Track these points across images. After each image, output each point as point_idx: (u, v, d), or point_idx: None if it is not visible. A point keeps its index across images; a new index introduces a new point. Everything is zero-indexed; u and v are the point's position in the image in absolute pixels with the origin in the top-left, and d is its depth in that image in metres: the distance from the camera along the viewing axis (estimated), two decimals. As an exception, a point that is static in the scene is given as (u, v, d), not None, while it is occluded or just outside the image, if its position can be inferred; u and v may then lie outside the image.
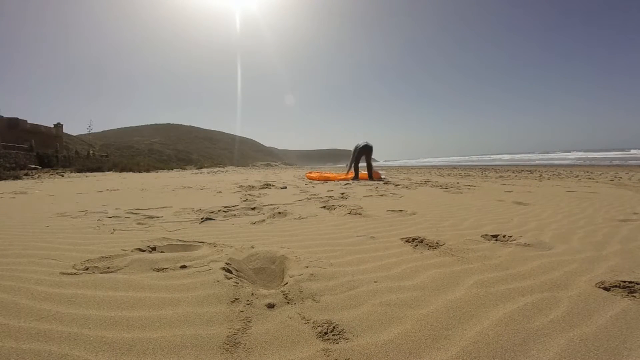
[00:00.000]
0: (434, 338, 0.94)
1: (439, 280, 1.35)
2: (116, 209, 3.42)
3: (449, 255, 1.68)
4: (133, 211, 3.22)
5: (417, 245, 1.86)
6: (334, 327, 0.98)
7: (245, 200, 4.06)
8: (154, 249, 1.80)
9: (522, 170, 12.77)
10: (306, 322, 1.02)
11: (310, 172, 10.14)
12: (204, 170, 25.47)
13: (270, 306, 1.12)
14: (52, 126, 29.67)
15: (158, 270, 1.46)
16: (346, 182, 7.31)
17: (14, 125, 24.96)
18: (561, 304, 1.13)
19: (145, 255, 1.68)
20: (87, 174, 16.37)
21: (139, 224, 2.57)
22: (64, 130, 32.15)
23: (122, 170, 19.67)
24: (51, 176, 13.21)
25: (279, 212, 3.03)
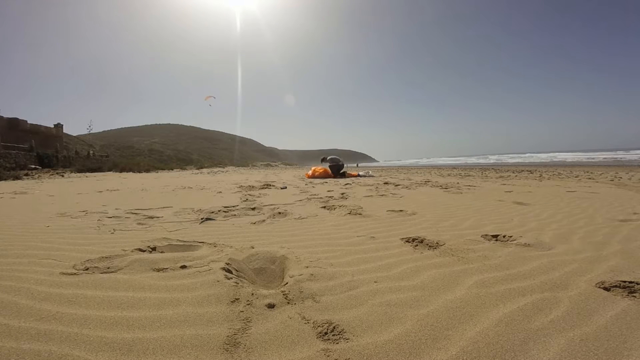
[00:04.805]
0: (434, 338, 0.94)
1: (439, 280, 1.35)
2: (116, 209, 3.42)
3: (449, 255, 1.68)
4: (133, 211, 3.22)
5: (417, 246, 1.86)
6: (334, 327, 0.98)
7: (245, 201, 4.06)
8: (154, 249, 1.80)
9: (522, 170, 12.76)
10: (306, 322, 1.02)
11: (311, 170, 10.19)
12: (204, 170, 25.47)
13: (271, 306, 1.12)
14: (52, 126, 29.67)
15: (158, 270, 1.46)
16: (346, 182, 7.32)
17: (14, 125, 24.96)
18: (561, 304, 1.13)
19: (145, 255, 1.68)
20: (87, 174, 16.38)
21: (139, 224, 2.57)
22: (64, 130, 32.16)
23: (122, 170, 19.67)
24: (51, 176, 13.21)
25: (279, 212, 3.03)
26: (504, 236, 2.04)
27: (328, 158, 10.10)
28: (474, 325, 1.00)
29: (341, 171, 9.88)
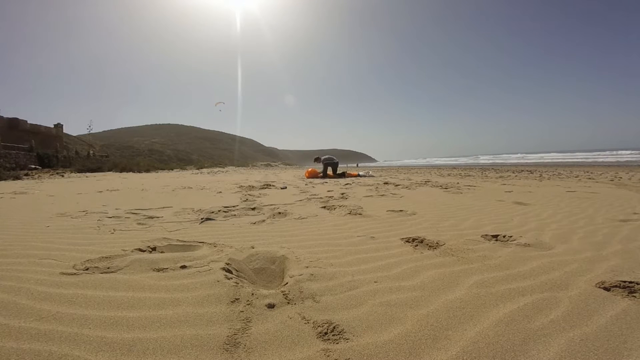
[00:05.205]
0: (434, 338, 0.94)
1: (439, 280, 1.35)
2: (116, 209, 3.42)
3: (449, 255, 1.68)
4: (133, 211, 3.22)
5: (417, 246, 1.86)
6: (334, 327, 0.98)
7: (245, 201, 4.06)
8: (154, 249, 1.80)
9: (522, 170, 12.77)
10: (306, 322, 1.02)
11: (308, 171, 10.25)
12: (204, 170, 25.48)
13: (271, 306, 1.12)
14: (52, 126, 29.69)
15: (158, 270, 1.46)
16: (346, 182, 7.33)
17: (14, 126, 24.97)
18: (561, 304, 1.13)
19: (145, 255, 1.68)
20: (87, 174, 16.38)
21: (139, 224, 2.57)
22: (64, 130, 32.17)
23: (122, 170, 19.67)
24: (51, 176, 13.21)
25: (279, 212, 3.03)
26: (504, 236, 2.04)
27: (322, 158, 10.02)
28: (474, 325, 1.00)
29: (338, 172, 9.88)
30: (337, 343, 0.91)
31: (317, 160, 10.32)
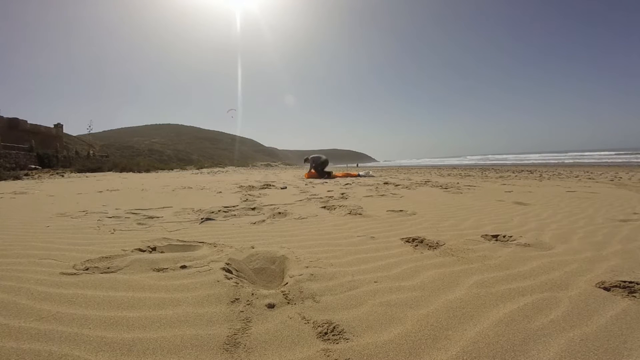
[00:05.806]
0: (434, 338, 0.94)
1: (439, 280, 1.35)
2: (116, 209, 3.42)
3: (449, 255, 1.68)
4: (133, 211, 3.22)
5: (417, 246, 1.86)
6: (334, 327, 0.98)
7: (245, 201, 4.06)
8: (154, 249, 1.80)
9: (522, 170, 12.77)
10: (306, 322, 1.02)
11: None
12: (204, 170, 25.48)
13: (271, 306, 1.12)
14: (52, 126, 29.70)
15: (158, 270, 1.46)
16: (346, 182, 7.33)
17: (14, 126, 24.98)
18: (561, 304, 1.13)
19: (145, 255, 1.68)
20: (87, 174, 16.38)
21: (139, 224, 2.57)
22: (64, 131, 32.18)
23: (122, 170, 19.68)
24: (51, 176, 13.21)
25: (279, 212, 3.03)
26: (504, 236, 2.04)
27: (310, 157, 10.06)
28: (474, 325, 1.00)
29: (326, 169, 9.79)
30: (337, 343, 0.91)
31: (306, 161, 10.39)
